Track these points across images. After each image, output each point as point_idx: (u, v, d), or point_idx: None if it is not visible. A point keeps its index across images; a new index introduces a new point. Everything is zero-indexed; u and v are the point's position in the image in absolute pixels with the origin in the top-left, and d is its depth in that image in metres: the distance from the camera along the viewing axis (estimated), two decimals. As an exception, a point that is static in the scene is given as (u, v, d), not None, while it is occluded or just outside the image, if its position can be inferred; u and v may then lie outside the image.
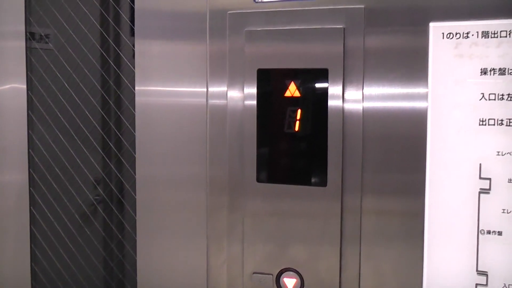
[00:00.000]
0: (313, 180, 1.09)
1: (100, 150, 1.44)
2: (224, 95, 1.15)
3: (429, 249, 1.04)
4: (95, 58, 1.41)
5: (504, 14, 0.97)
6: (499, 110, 0.98)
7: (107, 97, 1.43)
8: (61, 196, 1.45)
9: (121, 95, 1.41)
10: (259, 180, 1.12)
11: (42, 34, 1.44)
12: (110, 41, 1.40)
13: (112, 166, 1.43)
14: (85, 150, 1.43)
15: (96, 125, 1.43)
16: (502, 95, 0.98)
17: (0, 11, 1.41)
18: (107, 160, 1.43)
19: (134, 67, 1.24)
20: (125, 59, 1.38)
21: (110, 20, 1.40)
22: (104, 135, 1.43)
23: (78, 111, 1.42)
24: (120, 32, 1.39)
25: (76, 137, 1.43)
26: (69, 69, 1.42)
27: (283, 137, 1.10)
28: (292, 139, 1.10)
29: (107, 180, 1.44)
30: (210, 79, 1.17)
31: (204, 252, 1.20)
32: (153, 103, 1.23)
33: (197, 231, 1.20)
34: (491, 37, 0.98)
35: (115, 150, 1.42)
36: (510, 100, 0.97)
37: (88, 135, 1.42)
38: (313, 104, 1.08)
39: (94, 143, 1.42)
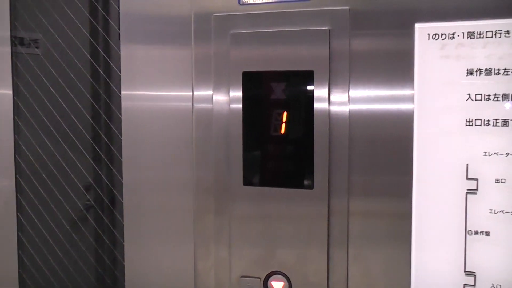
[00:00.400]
0: (299, 183, 1.09)
1: (88, 156, 1.43)
2: (210, 99, 1.15)
3: (417, 250, 1.03)
4: (82, 63, 1.40)
5: (489, 15, 0.97)
6: (486, 110, 0.98)
7: (94, 102, 1.42)
8: (48, 202, 1.43)
9: (108, 100, 1.40)
10: (245, 183, 1.12)
11: (27, 39, 1.43)
12: (96, 45, 1.39)
13: (100, 172, 1.42)
14: (72, 155, 1.42)
15: (83, 130, 1.42)
16: (489, 95, 0.97)
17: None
18: (95, 166, 1.42)
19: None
20: (112, 64, 1.37)
21: (96, 24, 1.39)
22: (92, 140, 1.42)
23: (65, 116, 1.41)
24: (106, 36, 1.38)
25: (63, 143, 1.42)
26: (55, 73, 1.41)
27: (269, 140, 1.10)
28: (278, 142, 1.09)
29: (95, 186, 1.43)
30: (196, 82, 1.16)
31: (191, 256, 1.19)
32: (139, 107, 1.22)
33: (184, 235, 1.20)
34: (477, 38, 0.98)
35: (103, 155, 1.41)
36: (497, 100, 0.97)
37: (76, 140, 1.41)
38: (299, 106, 1.08)
39: (81, 148, 1.41)
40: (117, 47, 1.33)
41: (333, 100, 1.06)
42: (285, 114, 1.09)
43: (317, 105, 1.06)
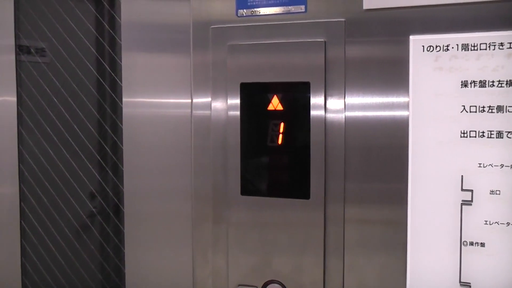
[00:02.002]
0: (296, 193, 1.09)
1: (92, 163, 1.44)
2: (208, 106, 1.16)
3: (412, 260, 1.04)
4: (86, 71, 1.42)
5: (483, 27, 0.97)
6: (481, 122, 0.98)
7: (94, 111, 1.43)
8: (51, 210, 1.45)
9: (107, 108, 1.41)
10: (243, 193, 1.13)
11: (30, 47, 1.45)
12: (97, 54, 1.40)
13: (104, 179, 1.43)
14: (76, 163, 1.43)
15: (85, 138, 1.43)
16: (483, 107, 0.98)
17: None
18: (100, 174, 1.43)
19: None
20: (111, 71, 1.38)
21: (99, 33, 1.41)
22: (95, 148, 1.43)
23: (68, 124, 1.43)
24: (105, 45, 1.40)
25: (65, 151, 1.43)
26: (57, 83, 1.42)
27: (267, 150, 1.11)
28: (275, 153, 1.10)
29: (96, 194, 1.44)
30: (194, 90, 1.17)
31: (190, 264, 1.20)
32: (140, 114, 1.24)
33: (183, 243, 1.21)
34: (471, 50, 0.98)
35: (105, 163, 1.42)
36: (491, 112, 0.97)
37: (79, 148, 1.42)
38: (296, 117, 1.09)
39: (82, 156, 1.42)
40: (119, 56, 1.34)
41: (329, 111, 1.07)
42: (282, 125, 1.09)
43: (313, 116, 1.07)
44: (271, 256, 1.12)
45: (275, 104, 1.10)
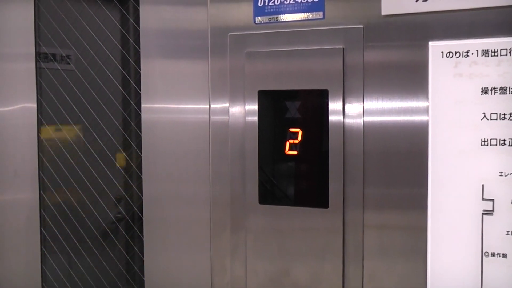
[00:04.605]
0: (315, 202, 1.09)
1: (112, 169, 1.44)
2: (226, 111, 1.16)
3: (432, 269, 1.02)
4: (105, 78, 1.42)
5: (503, 32, 0.96)
6: (501, 130, 0.96)
7: (113, 118, 1.43)
8: (71, 217, 1.45)
9: (127, 116, 1.41)
10: (261, 202, 1.12)
11: (56, 55, 1.46)
12: (116, 61, 1.41)
13: (123, 185, 1.43)
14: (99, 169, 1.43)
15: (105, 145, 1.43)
16: (504, 114, 0.96)
17: (10, 33, 1.44)
18: (120, 179, 1.44)
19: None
20: (129, 79, 1.39)
21: (116, 41, 1.41)
22: (111, 156, 1.43)
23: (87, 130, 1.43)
24: (124, 52, 1.40)
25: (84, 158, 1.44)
26: (76, 90, 1.43)
27: (285, 159, 1.10)
28: (293, 161, 1.10)
29: (115, 201, 1.44)
30: (212, 96, 1.17)
31: (208, 272, 1.20)
32: (158, 120, 1.25)
33: (201, 251, 1.21)
34: (491, 56, 0.96)
35: (125, 170, 1.42)
36: (513, 119, 0.96)
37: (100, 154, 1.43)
38: (314, 125, 1.08)
39: (101, 163, 1.43)
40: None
41: (347, 120, 1.06)
42: (300, 133, 1.09)
43: (331, 123, 1.06)
44: (290, 265, 1.12)
45: (293, 112, 1.09)
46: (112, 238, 1.44)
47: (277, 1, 1.10)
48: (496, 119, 0.96)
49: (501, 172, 0.97)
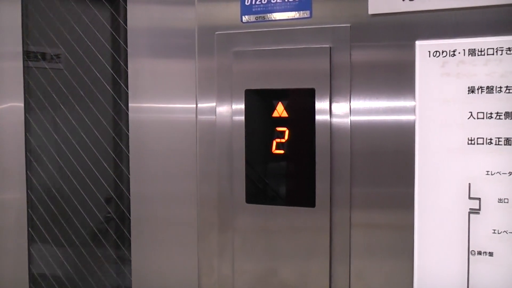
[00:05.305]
0: (302, 201, 1.08)
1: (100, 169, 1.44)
2: (213, 111, 1.16)
3: (419, 267, 1.02)
4: (93, 77, 1.42)
5: (490, 32, 0.96)
6: (488, 129, 0.96)
7: (101, 117, 1.43)
8: (58, 217, 1.45)
9: (114, 116, 1.41)
10: (248, 201, 1.12)
11: (49, 54, 1.46)
12: (103, 60, 1.40)
13: (107, 186, 1.43)
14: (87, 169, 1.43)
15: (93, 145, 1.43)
16: (491, 113, 0.96)
17: (-2, 32, 1.43)
18: (108, 179, 1.43)
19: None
20: (117, 78, 1.39)
21: (103, 39, 1.41)
22: (99, 156, 1.43)
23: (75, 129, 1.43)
24: (112, 51, 1.40)
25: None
26: (64, 89, 1.42)
27: (272, 158, 1.10)
28: (280, 160, 1.09)
29: (103, 200, 1.44)
30: (199, 95, 1.17)
31: (195, 272, 1.19)
32: (146, 119, 1.24)
33: (189, 250, 1.21)
34: (478, 55, 0.96)
35: (112, 169, 1.42)
36: (499, 118, 0.96)
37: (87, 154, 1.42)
38: (301, 124, 1.08)
39: (90, 164, 1.42)
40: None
41: (334, 116, 1.06)
42: (286, 132, 1.08)
43: (318, 122, 1.06)
44: (277, 264, 1.11)
45: (280, 111, 1.09)
46: (100, 237, 1.44)
47: (264, 0, 1.10)
48: (483, 118, 0.96)
49: (487, 171, 0.97)
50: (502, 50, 0.95)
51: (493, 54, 0.95)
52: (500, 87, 0.95)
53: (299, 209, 1.09)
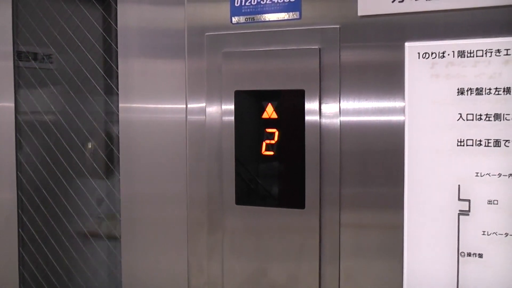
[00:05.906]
0: (291, 202, 1.08)
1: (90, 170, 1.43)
2: (203, 111, 1.15)
3: (409, 269, 1.02)
4: (82, 77, 1.41)
5: (479, 33, 0.96)
6: (478, 130, 0.96)
7: (91, 117, 1.43)
8: (48, 218, 1.44)
9: (104, 116, 1.41)
10: (238, 202, 1.11)
11: (41, 54, 1.45)
12: (93, 60, 1.40)
13: (96, 187, 1.42)
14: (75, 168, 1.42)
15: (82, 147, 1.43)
16: (480, 115, 0.96)
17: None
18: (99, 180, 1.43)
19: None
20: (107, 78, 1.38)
21: (94, 40, 1.40)
22: (89, 157, 1.43)
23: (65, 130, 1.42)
24: (101, 51, 1.39)
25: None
26: (53, 88, 1.42)
27: (261, 159, 1.10)
28: (270, 162, 1.09)
29: (93, 201, 1.44)
30: (189, 95, 1.17)
31: (185, 273, 1.19)
32: (136, 120, 1.24)
33: (178, 251, 1.21)
34: (467, 57, 0.96)
35: (103, 170, 1.41)
36: (488, 120, 0.95)
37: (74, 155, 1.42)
38: (291, 125, 1.08)
39: (79, 163, 1.42)
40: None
41: (324, 117, 1.06)
42: (276, 133, 1.08)
43: (308, 124, 1.06)
44: (267, 265, 1.11)
45: (269, 112, 1.09)
46: (90, 238, 1.44)
47: (254, 1, 1.10)
48: (472, 120, 0.96)
49: (477, 173, 0.97)
50: (491, 52, 0.95)
51: (482, 55, 0.95)
52: (489, 89, 0.95)
53: (288, 210, 1.09)
